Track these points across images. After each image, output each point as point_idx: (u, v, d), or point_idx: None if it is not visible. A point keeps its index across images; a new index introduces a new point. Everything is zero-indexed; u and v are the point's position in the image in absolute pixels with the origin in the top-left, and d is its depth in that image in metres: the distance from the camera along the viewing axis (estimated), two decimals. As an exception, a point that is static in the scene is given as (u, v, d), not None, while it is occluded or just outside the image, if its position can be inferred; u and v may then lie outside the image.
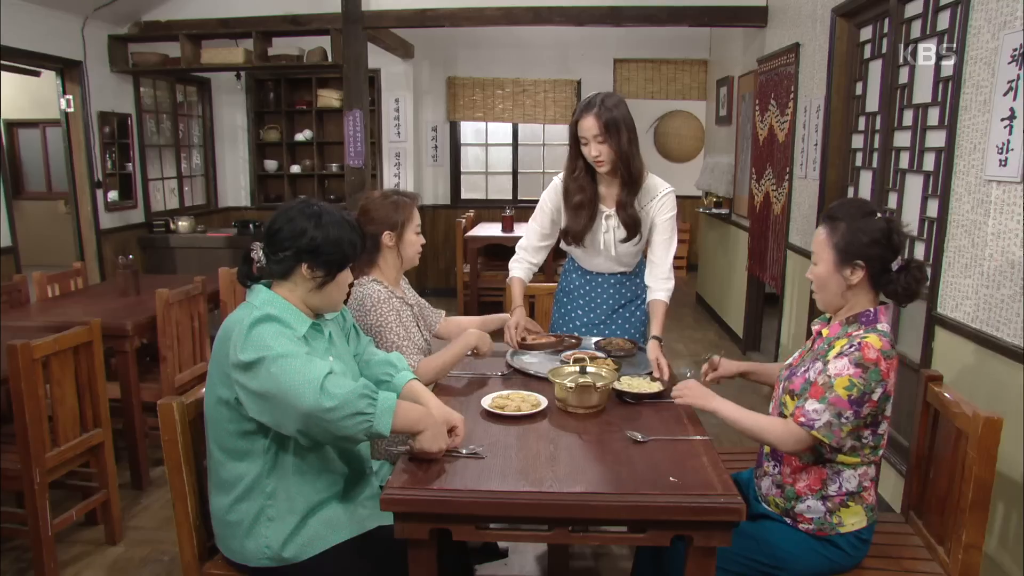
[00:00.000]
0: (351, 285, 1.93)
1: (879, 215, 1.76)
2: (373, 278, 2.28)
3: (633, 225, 2.53)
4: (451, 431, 1.74)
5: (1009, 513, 2.16)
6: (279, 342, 1.62)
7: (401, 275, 2.40)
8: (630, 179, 2.49)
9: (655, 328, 2.46)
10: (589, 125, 2.42)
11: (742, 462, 2.39)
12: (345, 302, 1.97)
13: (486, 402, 1.99)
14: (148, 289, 3.59)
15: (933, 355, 2.63)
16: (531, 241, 2.72)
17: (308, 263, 1.73)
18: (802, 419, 1.72)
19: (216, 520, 1.78)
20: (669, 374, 2.23)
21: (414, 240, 2.32)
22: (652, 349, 2.34)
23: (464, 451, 1.73)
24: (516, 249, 2.74)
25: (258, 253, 1.76)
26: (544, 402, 2.00)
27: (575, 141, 2.49)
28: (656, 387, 2.13)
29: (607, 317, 2.71)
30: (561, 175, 2.62)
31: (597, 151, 2.43)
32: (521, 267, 2.72)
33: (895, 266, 1.73)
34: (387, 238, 2.27)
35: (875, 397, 1.70)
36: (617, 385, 2.11)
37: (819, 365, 1.78)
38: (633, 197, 2.52)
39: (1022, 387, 2.11)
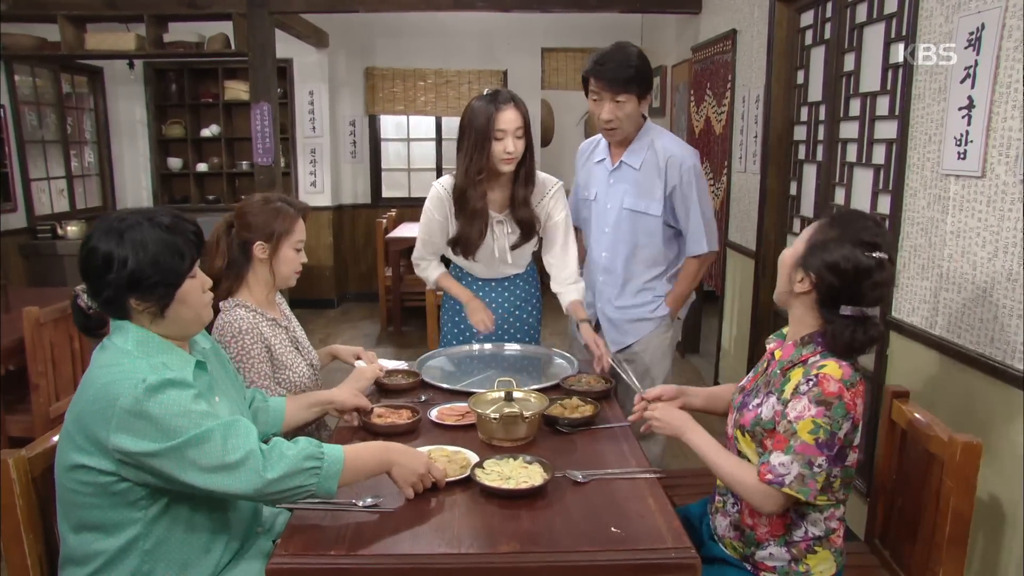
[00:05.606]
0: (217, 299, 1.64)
1: (870, 254, 1.45)
2: (238, 301, 1.96)
3: (530, 224, 2.39)
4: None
5: (976, 540, 1.99)
6: (189, 420, 1.34)
7: (274, 293, 2.10)
8: (528, 175, 2.36)
9: (581, 316, 2.42)
10: (511, 118, 2.24)
11: (692, 489, 2.17)
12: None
13: None
14: (21, 306, 3.13)
15: (888, 363, 2.47)
16: (429, 252, 2.54)
17: (133, 296, 1.40)
18: (769, 476, 1.48)
19: None
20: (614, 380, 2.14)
21: (292, 258, 2.01)
22: (587, 331, 2.33)
23: (360, 504, 1.49)
24: (416, 259, 2.55)
25: (83, 299, 1.45)
26: (475, 459, 1.66)
27: (485, 138, 2.25)
28: (589, 410, 1.94)
29: (503, 322, 2.56)
30: (444, 182, 2.41)
31: (515, 147, 2.26)
32: (437, 265, 2.56)
33: (846, 311, 1.48)
34: (259, 249, 1.95)
35: (842, 433, 1.46)
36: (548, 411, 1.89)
37: (773, 402, 1.54)
38: (529, 193, 2.38)
39: (976, 395, 1.96)
